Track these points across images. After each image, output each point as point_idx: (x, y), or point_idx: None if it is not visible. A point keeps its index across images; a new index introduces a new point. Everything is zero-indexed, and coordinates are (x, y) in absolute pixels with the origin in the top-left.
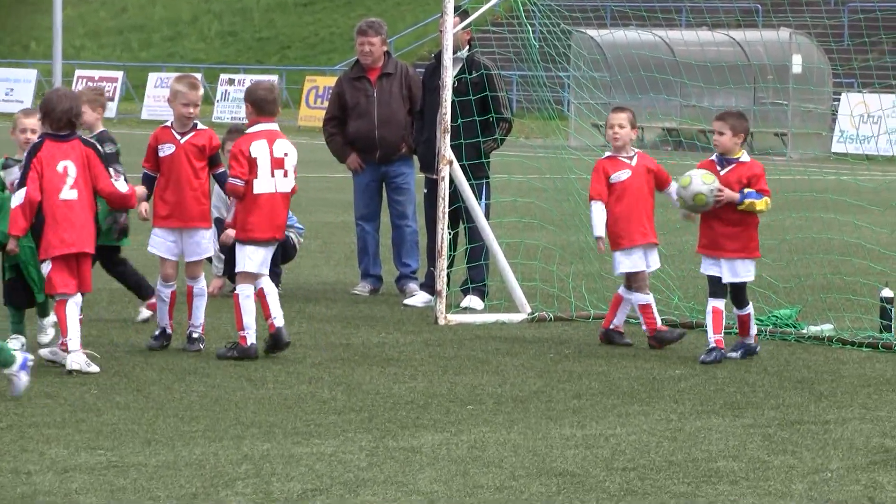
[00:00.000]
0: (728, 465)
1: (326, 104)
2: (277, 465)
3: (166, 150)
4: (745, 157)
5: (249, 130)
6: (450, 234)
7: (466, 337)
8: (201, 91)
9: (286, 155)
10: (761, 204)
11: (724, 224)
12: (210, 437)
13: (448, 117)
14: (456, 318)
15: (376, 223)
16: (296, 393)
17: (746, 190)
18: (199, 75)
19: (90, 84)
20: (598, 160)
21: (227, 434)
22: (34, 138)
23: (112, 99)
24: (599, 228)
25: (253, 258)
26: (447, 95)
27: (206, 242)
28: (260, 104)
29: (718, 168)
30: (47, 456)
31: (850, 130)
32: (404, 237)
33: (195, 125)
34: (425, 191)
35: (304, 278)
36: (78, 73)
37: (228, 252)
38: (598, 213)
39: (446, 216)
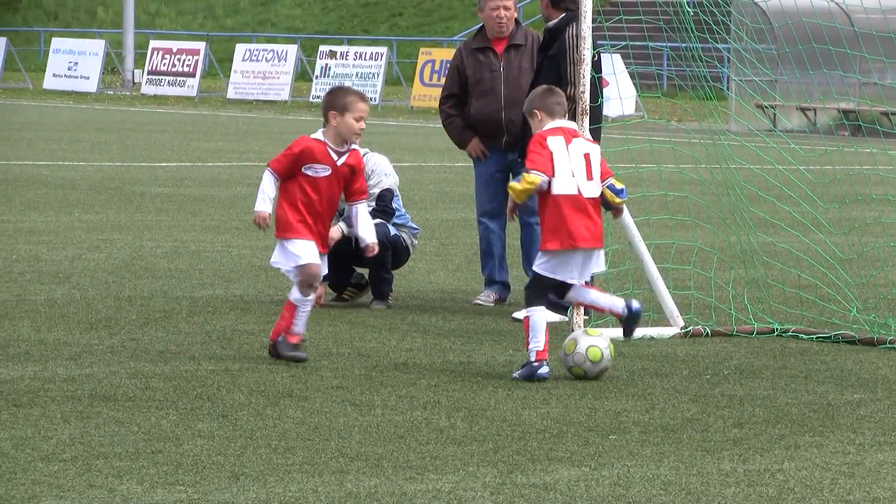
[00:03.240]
0: None
1: (444, 81)
2: None
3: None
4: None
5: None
6: None
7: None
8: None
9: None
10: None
11: None
12: (308, 472)
13: (587, 97)
14: (596, 333)
15: (502, 221)
16: (408, 420)
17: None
18: (294, 47)
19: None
20: None
21: (328, 468)
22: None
23: (193, 75)
24: None
25: None
26: (585, 71)
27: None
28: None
29: None
30: (118, 493)
31: None
32: (535, 237)
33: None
34: None
35: (418, 285)
36: (153, 44)
37: (329, 255)
38: None
39: None
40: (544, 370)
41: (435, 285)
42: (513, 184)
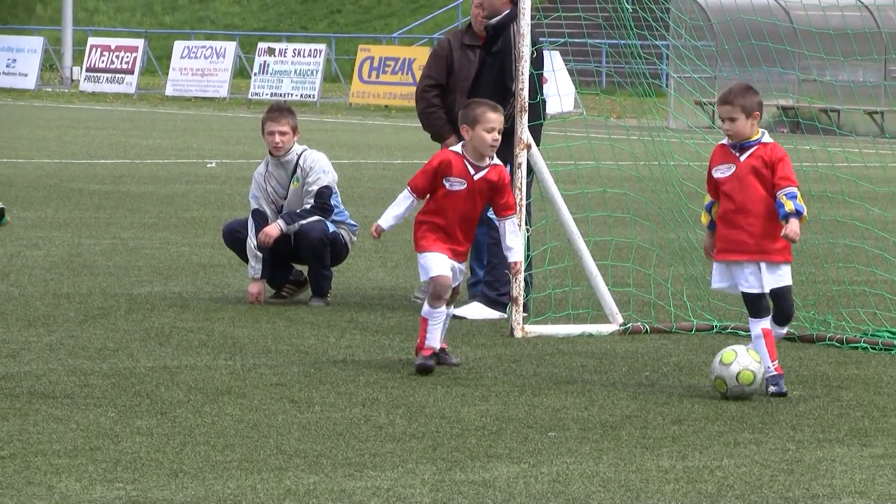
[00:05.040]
0: (854, 502)
1: (382, 78)
2: (325, 501)
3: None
4: (765, 136)
5: None
6: (528, 230)
7: (547, 352)
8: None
9: None
10: (801, 200)
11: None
12: (247, 469)
13: (526, 93)
14: (535, 330)
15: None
16: (347, 417)
17: (781, 201)
18: (233, 44)
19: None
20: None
21: (267, 465)
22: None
23: (132, 72)
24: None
25: None
26: (524, 68)
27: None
28: None
29: (737, 154)
30: (57, 490)
31: None
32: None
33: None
34: None
35: (356, 282)
36: (91, 41)
37: (268, 252)
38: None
39: (524, 209)
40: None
41: (374, 282)
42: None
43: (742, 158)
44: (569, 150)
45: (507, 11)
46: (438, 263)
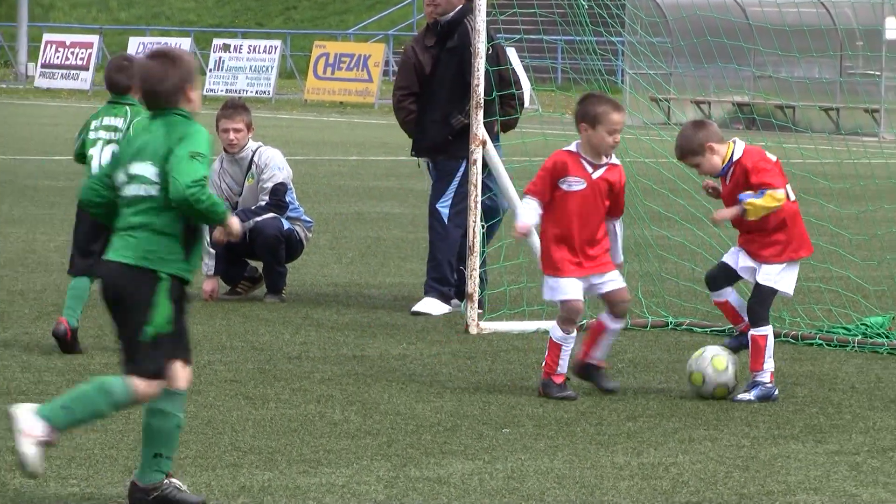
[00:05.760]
0: (809, 498)
1: (338, 74)
2: (280, 497)
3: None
4: (737, 150)
5: None
6: (483, 226)
7: (502, 348)
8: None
9: None
10: (764, 200)
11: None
12: (201, 465)
13: (482, 90)
14: (490, 327)
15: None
16: (302, 413)
17: (743, 194)
18: (188, 40)
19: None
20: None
21: (222, 461)
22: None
23: (86, 68)
24: None
25: None
26: (480, 64)
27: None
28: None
29: (725, 180)
30: (11, 486)
31: None
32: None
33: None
34: (433, 181)
35: (311, 279)
36: (46, 37)
37: (222, 249)
38: None
39: (479, 206)
40: (776, 392)
41: (328, 279)
42: (754, 200)
43: (728, 180)
44: (524, 147)
45: (459, 8)
46: (569, 287)
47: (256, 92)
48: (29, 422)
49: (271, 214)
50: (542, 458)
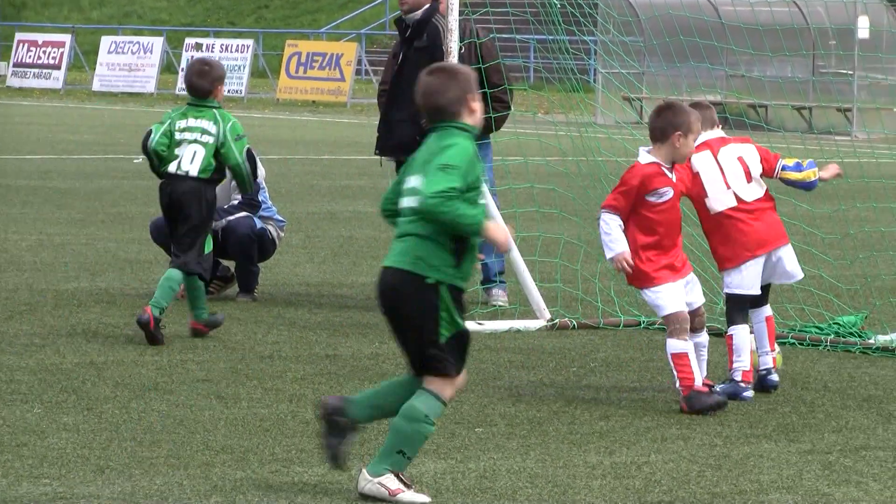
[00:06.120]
0: (782, 497)
1: (310, 73)
2: (252, 497)
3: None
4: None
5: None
6: None
7: (474, 347)
8: None
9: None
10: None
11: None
12: (173, 465)
13: None
14: None
15: None
16: (274, 413)
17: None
18: (160, 39)
19: (31, 49)
20: None
21: (194, 461)
22: None
23: (59, 67)
24: None
25: None
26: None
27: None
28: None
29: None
30: None
31: None
32: None
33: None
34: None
35: (284, 278)
36: (18, 36)
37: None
38: None
39: None
40: (749, 393)
41: (301, 278)
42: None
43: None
44: (496, 145)
45: (427, 6)
46: (671, 298)
47: (229, 91)
48: (386, 483)
49: (244, 213)
50: (514, 457)
